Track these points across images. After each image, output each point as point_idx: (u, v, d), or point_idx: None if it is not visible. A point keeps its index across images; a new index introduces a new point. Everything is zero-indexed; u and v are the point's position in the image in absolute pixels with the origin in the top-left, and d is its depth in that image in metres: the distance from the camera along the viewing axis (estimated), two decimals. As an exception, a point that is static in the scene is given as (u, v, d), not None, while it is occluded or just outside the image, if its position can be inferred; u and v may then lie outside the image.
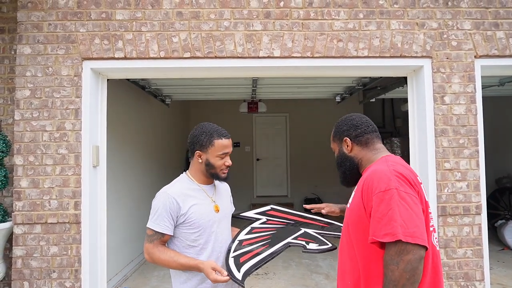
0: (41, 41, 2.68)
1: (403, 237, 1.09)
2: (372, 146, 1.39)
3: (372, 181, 1.21)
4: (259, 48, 2.73)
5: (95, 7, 2.71)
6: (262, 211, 1.86)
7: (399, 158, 1.35)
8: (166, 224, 1.57)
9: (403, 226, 1.10)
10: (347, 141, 1.41)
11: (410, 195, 1.16)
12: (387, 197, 1.15)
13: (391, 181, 1.17)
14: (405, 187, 1.17)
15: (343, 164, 1.43)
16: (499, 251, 5.07)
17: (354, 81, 4.48)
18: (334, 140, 1.49)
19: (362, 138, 1.39)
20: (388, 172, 1.20)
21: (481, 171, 2.77)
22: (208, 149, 1.64)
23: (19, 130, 2.64)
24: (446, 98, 2.78)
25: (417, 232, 1.10)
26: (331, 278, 4.11)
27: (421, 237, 1.10)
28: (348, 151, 1.42)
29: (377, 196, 1.17)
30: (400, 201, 1.14)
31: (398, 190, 1.15)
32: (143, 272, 4.52)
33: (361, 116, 1.47)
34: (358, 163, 1.40)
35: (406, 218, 1.11)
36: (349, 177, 1.43)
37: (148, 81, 4.37)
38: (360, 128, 1.41)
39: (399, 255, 1.09)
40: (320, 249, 1.59)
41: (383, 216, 1.14)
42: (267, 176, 8.35)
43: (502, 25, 2.80)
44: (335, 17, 2.77)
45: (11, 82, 2.86)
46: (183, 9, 2.73)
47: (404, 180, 1.19)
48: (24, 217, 2.60)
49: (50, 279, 2.59)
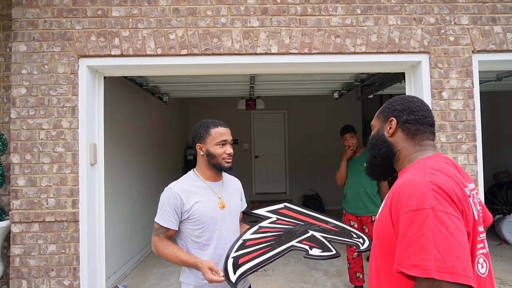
0: (37, 38, 2.66)
1: (437, 274, 0.84)
2: (418, 140, 1.13)
3: (402, 194, 0.96)
4: (256, 44, 2.72)
5: (91, 4, 2.68)
6: (274, 209, 1.81)
7: (444, 160, 1.08)
8: (170, 219, 1.63)
9: (438, 259, 0.85)
10: (392, 122, 1.15)
11: (451, 216, 0.90)
12: (420, 219, 0.90)
13: (426, 198, 0.91)
14: (445, 205, 0.90)
15: (377, 148, 1.18)
16: (497, 246, 5.09)
17: (352, 77, 4.47)
18: (378, 116, 1.23)
19: (412, 127, 1.13)
20: (423, 185, 0.94)
21: (479, 166, 2.78)
22: (206, 139, 1.69)
23: (16, 128, 2.63)
24: (444, 94, 2.78)
25: (458, 267, 0.85)
26: (330, 275, 4.12)
27: (463, 274, 0.84)
28: (388, 135, 1.16)
29: (407, 216, 0.92)
30: (436, 224, 0.88)
31: (434, 210, 0.89)
32: (142, 270, 4.52)
33: (423, 102, 1.19)
34: (395, 154, 1.15)
35: (443, 248, 0.86)
36: (378, 166, 1.19)
37: (146, 78, 4.35)
38: (415, 115, 1.13)
39: None
40: (322, 255, 1.56)
41: (412, 242, 0.89)
42: (265, 173, 8.35)
43: (500, 20, 2.80)
44: (333, 13, 2.76)
45: (7, 80, 2.84)
46: (179, 5, 2.72)
47: (445, 195, 0.92)
48: (22, 216, 2.59)
49: (49, 277, 2.59)
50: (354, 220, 3.50)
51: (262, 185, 8.35)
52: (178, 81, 4.51)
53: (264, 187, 8.33)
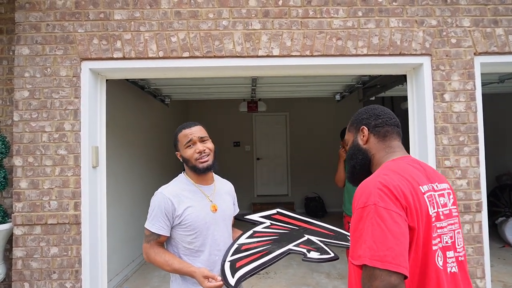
0: (40, 41, 2.67)
1: (369, 260, 0.95)
2: (388, 142, 1.22)
3: (356, 194, 1.08)
4: (258, 47, 2.73)
5: (93, 7, 2.70)
6: (267, 214, 1.81)
7: (406, 161, 1.17)
8: (161, 225, 1.57)
9: (372, 249, 0.95)
10: (364, 130, 1.25)
11: (390, 211, 0.98)
12: (364, 214, 1.01)
13: (371, 196, 1.01)
14: (386, 202, 1.00)
15: (354, 157, 1.26)
16: (500, 248, 5.07)
17: (354, 79, 4.47)
18: (350, 129, 1.32)
19: (382, 129, 1.22)
20: (372, 185, 1.04)
21: (481, 169, 2.77)
22: (178, 146, 1.69)
23: (18, 131, 2.64)
24: (445, 96, 2.78)
25: (389, 256, 0.94)
26: (332, 277, 4.11)
27: (393, 261, 0.93)
28: (363, 142, 1.25)
29: (357, 213, 1.04)
30: (375, 218, 0.98)
31: (376, 206, 0.99)
32: (143, 272, 4.52)
33: (384, 107, 1.30)
34: (371, 158, 1.23)
35: (378, 239, 0.96)
36: (358, 174, 1.26)
37: (147, 81, 4.37)
38: (382, 118, 1.24)
39: (369, 280, 0.95)
40: (321, 258, 1.55)
41: (359, 236, 1.00)
42: (267, 175, 8.35)
43: (501, 22, 2.80)
44: (334, 15, 2.76)
45: (10, 83, 2.85)
46: (181, 8, 2.73)
47: (389, 193, 1.01)
48: (24, 218, 2.60)
49: (51, 280, 2.59)
50: None
51: (263, 187, 8.34)
52: (180, 84, 4.53)
53: (266, 189, 8.32)
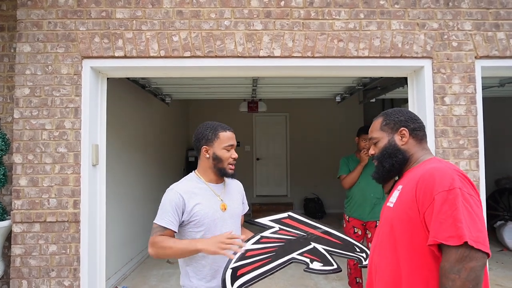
0: (41, 39, 2.67)
1: (470, 241, 1.00)
2: (424, 145, 1.33)
3: (433, 179, 1.12)
4: (259, 47, 2.73)
5: (95, 5, 2.70)
6: (277, 218, 1.77)
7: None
8: (170, 219, 1.59)
9: (469, 230, 1.02)
10: (404, 132, 1.32)
11: (473, 197, 1.09)
12: (451, 197, 1.06)
13: (455, 181, 1.09)
14: (468, 188, 1.10)
15: (394, 156, 1.31)
16: (498, 252, 5.07)
17: (355, 81, 4.47)
18: (383, 129, 1.36)
19: (420, 133, 1.33)
20: (450, 171, 1.12)
21: (480, 172, 2.77)
22: (214, 142, 1.67)
23: (18, 128, 2.64)
24: (446, 99, 2.78)
25: (481, 237, 1.02)
26: (330, 278, 4.11)
27: (484, 243, 1.02)
28: (402, 143, 1.32)
29: (441, 195, 1.08)
30: (464, 202, 1.06)
31: (462, 190, 1.07)
32: (141, 271, 4.52)
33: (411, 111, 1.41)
34: (408, 158, 1.31)
35: (469, 222, 1.03)
36: (394, 172, 1.33)
37: (148, 80, 4.37)
38: (419, 122, 1.34)
39: (461, 262, 1.00)
40: (323, 270, 1.54)
41: (447, 217, 1.05)
42: (267, 176, 8.35)
43: (503, 26, 2.80)
44: (336, 17, 2.76)
45: (11, 80, 2.85)
46: (183, 8, 2.73)
47: (467, 180, 1.12)
48: (23, 216, 2.60)
49: (49, 277, 2.59)
50: (358, 226, 3.41)
51: (263, 188, 8.34)
52: (180, 83, 4.53)
53: (265, 189, 8.32)
